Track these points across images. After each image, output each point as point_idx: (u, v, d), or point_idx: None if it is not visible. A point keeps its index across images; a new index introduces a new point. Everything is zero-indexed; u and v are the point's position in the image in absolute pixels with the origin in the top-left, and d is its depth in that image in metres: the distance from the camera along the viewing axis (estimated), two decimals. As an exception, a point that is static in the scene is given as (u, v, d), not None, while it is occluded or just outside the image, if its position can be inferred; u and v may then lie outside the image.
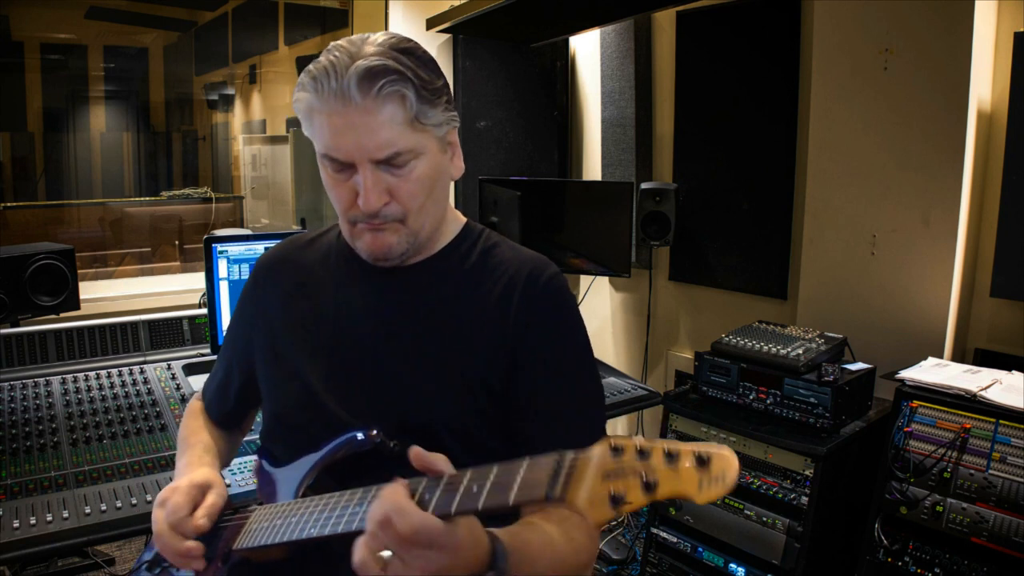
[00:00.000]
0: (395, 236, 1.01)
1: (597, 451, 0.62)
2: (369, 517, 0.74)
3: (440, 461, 0.76)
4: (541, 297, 1.04)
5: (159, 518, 0.99)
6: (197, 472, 1.07)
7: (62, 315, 2.30)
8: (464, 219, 1.15)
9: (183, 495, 1.00)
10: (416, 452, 0.77)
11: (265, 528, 0.96)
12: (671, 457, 0.59)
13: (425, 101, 0.95)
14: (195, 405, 1.32)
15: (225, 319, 2.06)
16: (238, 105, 6.96)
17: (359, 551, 0.73)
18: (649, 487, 0.57)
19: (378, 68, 0.91)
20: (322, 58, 0.95)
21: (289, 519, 0.93)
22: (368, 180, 0.95)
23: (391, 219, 0.99)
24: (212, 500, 1.02)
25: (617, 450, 0.61)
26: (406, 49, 0.97)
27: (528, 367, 1.02)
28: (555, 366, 1.03)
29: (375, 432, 0.96)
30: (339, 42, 0.96)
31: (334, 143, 0.95)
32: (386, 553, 0.73)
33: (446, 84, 1.02)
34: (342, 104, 0.92)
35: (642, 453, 0.60)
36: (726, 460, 0.58)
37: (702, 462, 0.58)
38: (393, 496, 0.72)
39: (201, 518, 0.99)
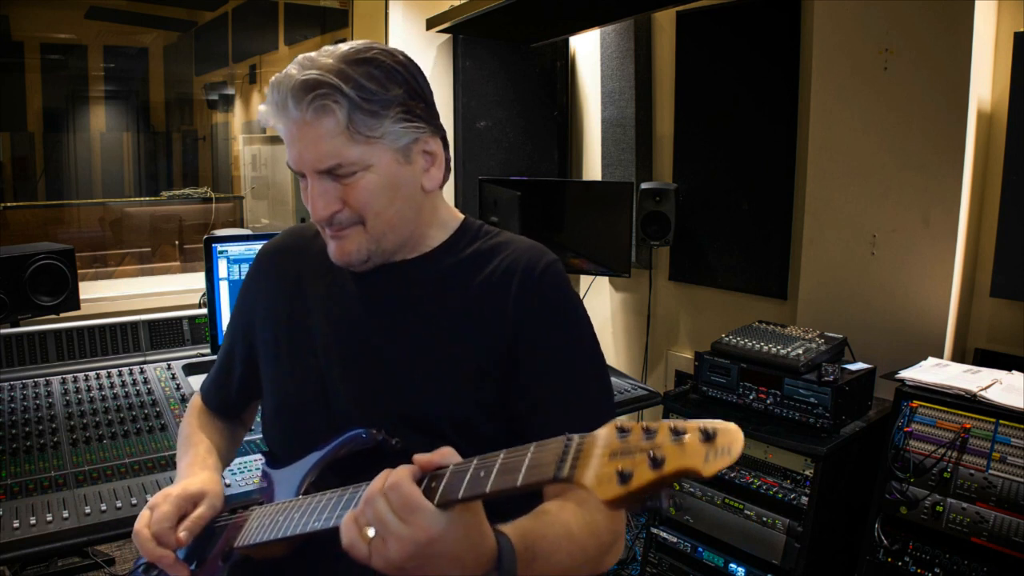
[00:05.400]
0: (354, 244, 1.01)
1: (604, 432, 0.63)
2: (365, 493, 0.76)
3: (439, 456, 0.76)
4: (539, 286, 1.04)
5: (144, 519, 0.99)
6: (195, 479, 1.07)
7: (62, 315, 2.30)
8: (461, 216, 1.15)
9: (172, 504, 1.01)
10: (419, 458, 0.76)
11: (266, 525, 0.96)
12: (677, 433, 0.59)
13: (365, 112, 0.94)
14: (197, 401, 1.31)
15: (225, 319, 2.06)
16: (238, 105, 6.96)
17: (346, 528, 0.76)
18: (656, 462, 0.58)
19: (310, 82, 0.93)
20: (283, 71, 0.97)
21: (291, 515, 0.93)
22: (315, 189, 0.98)
23: (348, 224, 1.00)
24: (201, 511, 1.02)
25: (623, 431, 0.62)
26: (362, 59, 0.96)
27: (528, 357, 1.01)
28: (555, 355, 1.03)
29: (377, 429, 0.96)
30: (308, 54, 0.98)
31: (288, 153, 0.99)
32: (371, 531, 0.74)
33: (409, 93, 0.99)
34: (285, 117, 0.95)
35: (648, 432, 0.60)
36: (732, 433, 0.58)
37: (708, 436, 0.58)
38: (387, 474, 0.74)
39: (182, 531, 1.00)
